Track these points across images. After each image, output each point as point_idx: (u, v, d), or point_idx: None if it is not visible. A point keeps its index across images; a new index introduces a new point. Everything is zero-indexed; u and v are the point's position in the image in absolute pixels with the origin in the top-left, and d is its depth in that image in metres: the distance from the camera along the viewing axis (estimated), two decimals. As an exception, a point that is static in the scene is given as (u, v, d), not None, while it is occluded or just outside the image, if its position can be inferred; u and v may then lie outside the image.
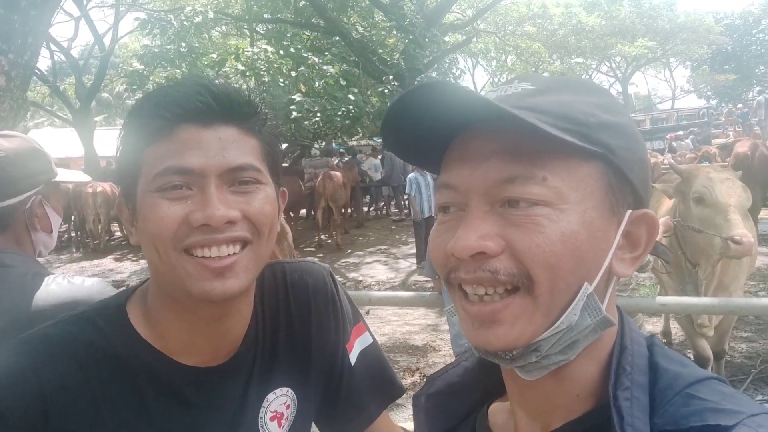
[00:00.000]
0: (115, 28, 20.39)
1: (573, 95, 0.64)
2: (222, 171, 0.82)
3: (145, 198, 0.82)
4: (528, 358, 0.61)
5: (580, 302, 0.60)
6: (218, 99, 0.83)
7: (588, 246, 0.60)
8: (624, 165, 0.62)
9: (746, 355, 5.18)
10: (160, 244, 0.81)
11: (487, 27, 30.85)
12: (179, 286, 0.83)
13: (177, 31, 14.00)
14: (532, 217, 0.59)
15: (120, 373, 0.87)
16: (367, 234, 13.74)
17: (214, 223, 0.79)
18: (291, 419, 0.99)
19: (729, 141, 15.67)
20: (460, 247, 0.60)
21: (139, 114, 0.84)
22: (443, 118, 0.63)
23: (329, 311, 1.07)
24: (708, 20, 40.32)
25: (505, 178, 0.60)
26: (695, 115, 29.48)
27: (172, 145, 0.81)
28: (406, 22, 14.67)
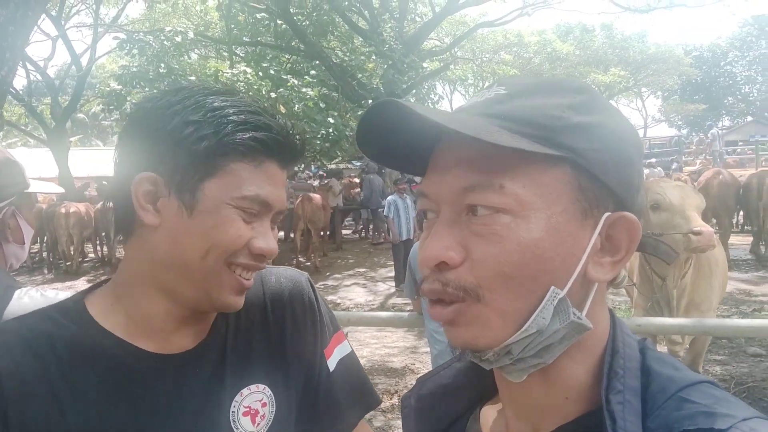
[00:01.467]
0: (92, 49, 20.28)
1: (545, 98, 0.62)
2: (278, 210, 0.93)
3: (221, 207, 0.87)
4: (502, 361, 0.62)
5: (548, 307, 0.59)
6: (295, 147, 0.94)
7: (553, 252, 0.59)
8: (595, 167, 0.60)
9: (720, 378, 5.24)
10: (215, 252, 0.87)
11: (465, 54, 31.40)
12: (204, 291, 0.89)
13: (156, 52, 13.98)
14: (491, 226, 0.59)
15: (80, 362, 0.86)
16: (345, 257, 13.71)
17: (268, 255, 0.90)
18: (269, 419, 0.98)
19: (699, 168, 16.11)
20: (426, 257, 0.61)
21: (236, 129, 0.87)
22: (417, 130, 0.64)
23: (306, 316, 1.09)
24: (678, 52, 41.63)
25: (465, 186, 0.60)
26: (667, 143, 30.21)
27: (261, 176, 0.89)
28: (385, 48, 14.85)
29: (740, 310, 7.37)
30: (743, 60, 50.10)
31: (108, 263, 13.33)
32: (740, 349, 5.95)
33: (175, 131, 0.87)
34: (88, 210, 12.81)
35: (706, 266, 3.73)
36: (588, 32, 39.59)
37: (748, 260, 10.38)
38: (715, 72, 49.88)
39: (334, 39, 17.28)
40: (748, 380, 5.16)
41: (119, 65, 17.67)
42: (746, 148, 26.13)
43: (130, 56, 14.34)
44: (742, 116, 48.83)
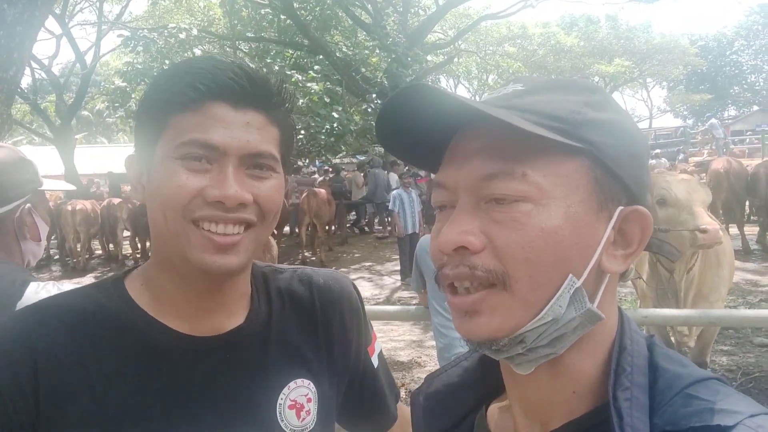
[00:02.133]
0: (96, 46, 20.32)
1: (562, 94, 0.65)
2: (243, 154, 0.84)
3: (165, 162, 0.84)
4: (514, 350, 0.62)
5: (565, 295, 0.60)
6: (254, 84, 0.86)
7: (571, 241, 0.60)
8: (611, 161, 0.62)
9: (727, 368, 5.24)
10: (170, 210, 0.83)
11: (468, 47, 31.31)
12: (179, 254, 0.85)
13: (160, 49, 14.00)
14: (513, 213, 0.60)
15: (113, 340, 0.88)
16: (351, 251, 13.72)
17: (228, 202, 0.82)
18: (314, 414, 0.99)
19: (705, 159, 16.01)
20: (443, 242, 0.62)
21: (171, 79, 0.85)
22: (434, 121, 0.65)
23: (352, 316, 1.10)
24: (683, 42, 41.35)
25: (486, 175, 0.61)
26: (672, 134, 30.07)
27: (200, 119, 0.83)
28: (388, 42, 14.83)
29: (747, 301, 7.35)
30: (749, 49, 49.73)
31: (115, 260, 13.40)
32: (747, 339, 5.94)
33: (141, 101, 0.90)
34: (94, 207, 12.85)
35: (714, 257, 3.72)
36: (593, 23, 39.37)
37: (755, 250, 10.34)
38: (721, 61, 49.54)
39: (338, 33, 17.26)
40: (755, 371, 5.16)
41: (123, 62, 17.69)
42: (753, 138, 25.98)
43: (134, 53, 14.37)
44: (748, 106, 48.51)
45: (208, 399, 0.90)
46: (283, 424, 0.95)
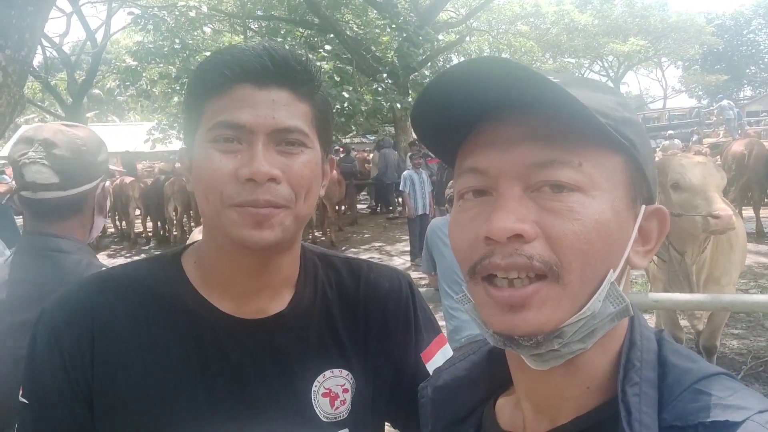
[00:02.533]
0: (107, 24, 20.26)
1: (593, 92, 0.65)
2: (270, 130, 0.87)
3: (201, 148, 0.88)
4: (550, 345, 0.61)
5: (605, 289, 0.60)
6: (276, 62, 0.88)
7: (617, 234, 0.61)
8: (643, 160, 0.64)
9: (737, 352, 5.24)
10: (211, 194, 0.87)
11: (480, 26, 30.89)
12: (223, 233, 0.88)
13: (171, 27, 13.94)
14: (567, 203, 0.59)
15: (166, 313, 0.94)
16: (361, 231, 13.76)
17: (258, 179, 0.84)
18: (348, 404, 1.00)
19: (720, 140, 15.82)
20: (498, 229, 0.59)
21: (204, 70, 0.90)
22: (467, 103, 0.63)
23: (399, 317, 1.08)
24: (699, 20, 40.59)
25: (541, 161, 0.60)
26: (687, 114, 29.68)
27: (228, 102, 0.87)
28: (400, 20, 14.66)
29: (759, 284, 7.32)
30: (767, 28, 48.79)
31: (127, 238, 13.51)
32: (758, 323, 5.93)
33: (185, 95, 0.94)
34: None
35: (726, 241, 3.70)
36: (608, 1, 38.67)
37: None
38: (738, 41, 48.68)
39: (348, 12, 17.10)
40: (765, 354, 5.15)
41: (134, 41, 17.66)
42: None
43: (144, 31, 14.33)
44: (764, 86, 47.69)
45: (246, 379, 0.94)
46: (317, 410, 0.97)
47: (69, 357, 0.90)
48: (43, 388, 0.91)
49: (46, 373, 0.90)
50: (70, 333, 0.91)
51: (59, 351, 0.90)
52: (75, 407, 0.90)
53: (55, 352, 0.90)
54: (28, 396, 0.92)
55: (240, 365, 0.94)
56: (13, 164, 1.55)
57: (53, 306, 0.94)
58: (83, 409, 0.90)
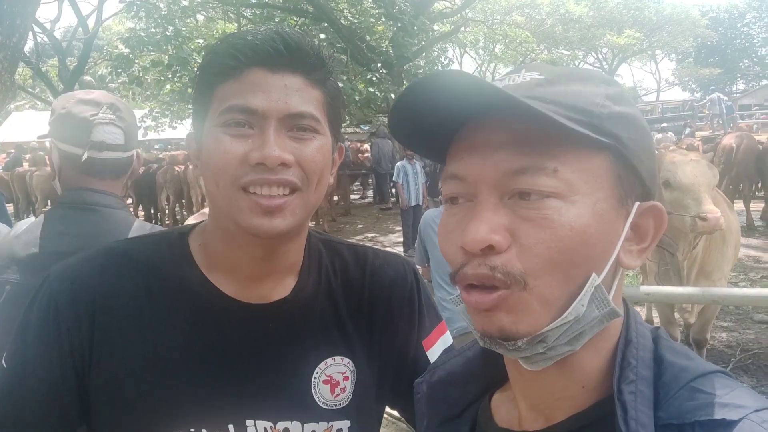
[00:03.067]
0: (99, 10, 20.03)
1: (582, 85, 0.63)
2: (282, 115, 0.86)
3: (210, 132, 0.87)
4: (534, 349, 0.61)
5: (587, 294, 0.59)
6: (289, 47, 0.87)
7: (597, 238, 0.59)
8: (633, 156, 0.62)
9: (726, 344, 5.29)
10: (221, 179, 0.86)
11: (476, 16, 30.77)
12: (232, 219, 0.88)
13: (163, 14, 13.81)
14: (542, 210, 0.58)
15: (168, 292, 0.94)
16: (354, 222, 13.76)
17: (269, 163, 0.83)
18: (349, 392, 1.00)
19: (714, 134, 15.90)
20: (471, 241, 0.59)
21: (215, 53, 0.89)
22: (450, 108, 0.63)
23: (403, 304, 1.08)
24: (694, 13, 40.67)
25: (516, 169, 0.59)
26: (680, 107, 29.79)
27: (240, 85, 0.86)
28: (395, 9, 14.58)
29: (748, 277, 7.38)
30: (761, 22, 48.91)
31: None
32: (747, 315, 5.98)
33: (195, 80, 0.93)
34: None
35: (719, 235, 3.70)
36: (602, -8, 38.64)
37: (758, 227, 10.33)
38: (732, 34, 48.77)
39: (343, 0, 16.99)
40: (754, 347, 5.20)
41: (126, 27, 17.50)
42: (761, 113, 25.73)
43: (137, 18, 14.18)
44: (757, 80, 47.86)
45: (247, 363, 0.94)
46: (316, 397, 0.98)
47: (66, 331, 0.90)
48: (28, 358, 0.90)
49: (36, 345, 0.90)
50: (69, 307, 0.91)
51: (56, 324, 0.90)
52: (58, 380, 0.90)
53: (52, 324, 0.90)
54: (11, 360, 0.92)
55: (241, 349, 0.94)
56: (79, 123, 1.57)
57: (57, 276, 0.94)
58: (67, 382, 0.90)
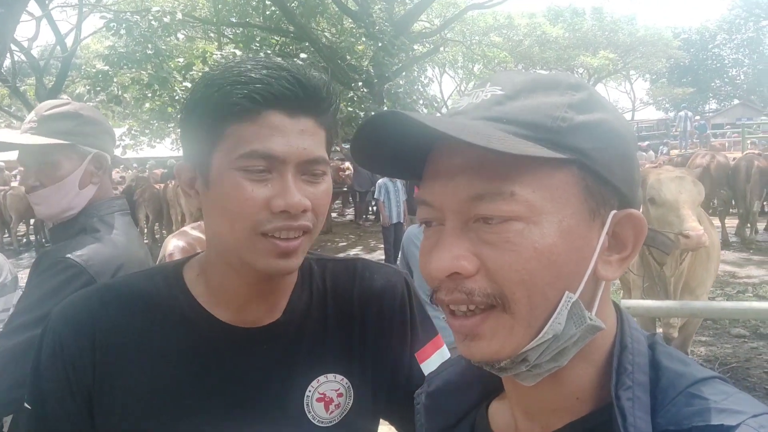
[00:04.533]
0: (78, 29, 19.92)
1: (544, 96, 0.61)
2: (301, 161, 0.87)
3: (227, 174, 0.86)
4: (518, 368, 0.61)
5: (563, 311, 0.59)
6: (307, 91, 0.87)
7: (567, 256, 0.58)
8: (601, 167, 0.60)
9: (705, 358, 5.35)
10: (238, 222, 0.86)
11: (455, 36, 31.18)
12: (243, 260, 0.88)
13: (143, 32, 13.79)
14: (504, 234, 0.57)
15: (166, 324, 0.95)
16: (334, 239, 13.71)
17: (293, 210, 0.85)
18: (344, 408, 1.01)
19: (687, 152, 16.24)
20: (435, 269, 0.60)
21: (227, 92, 0.85)
22: (409, 139, 0.62)
23: (395, 316, 1.07)
24: (667, 35, 41.68)
25: (473, 195, 0.59)
26: (654, 126, 30.37)
27: (259, 129, 0.85)
28: (375, 29, 14.73)
29: (725, 292, 7.49)
30: (731, 43, 50.20)
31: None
32: (724, 330, 6.07)
33: (189, 107, 0.90)
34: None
35: (704, 252, 3.72)
36: (578, 15, 39.50)
37: (733, 242, 10.52)
38: (703, 55, 49.94)
39: (324, 20, 17.11)
40: (732, 361, 5.27)
41: (105, 46, 17.41)
42: (732, 132, 26.34)
43: (117, 36, 14.13)
44: (729, 99, 49.05)
45: (242, 387, 0.95)
46: (310, 415, 0.98)
47: (72, 367, 0.92)
48: (45, 395, 0.93)
49: (49, 381, 0.93)
50: (73, 344, 0.93)
51: (62, 361, 0.92)
52: (74, 415, 0.93)
53: (59, 361, 0.92)
54: (32, 402, 0.95)
55: (236, 375, 0.95)
56: (112, 132, 1.72)
57: (59, 315, 0.96)
58: (83, 417, 0.93)
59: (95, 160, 1.62)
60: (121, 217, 1.65)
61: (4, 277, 1.67)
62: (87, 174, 1.60)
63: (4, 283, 1.67)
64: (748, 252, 9.93)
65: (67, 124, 1.58)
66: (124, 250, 1.53)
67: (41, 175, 1.57)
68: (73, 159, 1.58)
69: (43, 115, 1.58)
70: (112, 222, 1.60)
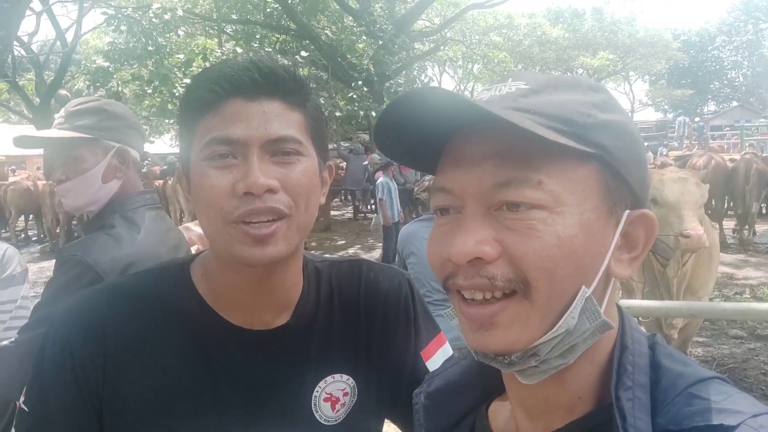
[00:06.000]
0: (78, 24, 19.88)
1: (568, 94, 0.63)
2: (264, 142, 0.86)
3: (196, 166, 0.88)
4: (527, 363, 0.61)
5: (578, 306, 0.59)
6: (264, 74, 0.88)
7: (585, 249, 0.59)
8: (621, 165, 0.61)
9: (703, 359, 5.37)
10: (211, 213, 0.87)
11: (455, 35, 31.16)
12: (225, 249, 0.88)
13: (144, 28, 13.77)
14: (528, 221, 0.58)
15: (174, 324, 0.94)
16: (333, 237, 13.70)
17: (255, 191, 0.83)
18: (348, 406, 1.02)
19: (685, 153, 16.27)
20: (457, 253, 0.59)
21: (194, 87, 0.89)
22: (435, 122, 0.63)
23: (399, 315, 1.08)
24: (666, 36, 41.66)
25: (500, 182, 0.59)
26: (653, 127, 30.39)
27: (220, 117, 0.86)
28: (375, 28, 14.72)
29: (722, 293, 7.51)
30: (730, 45, 50.27)
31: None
32: (722, 331, 6.09)
33: (178, 114, 0.94)
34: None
35: (706, 253, 3.73)
36: (578, 15, 39.52)
37: (731, 244, 10.55)
38: (703, 57, 50.00)
39: (324, 18, 17.09)
40: (729, 361, 5.30)
41: (105, 42, 17.38)
42: (731, 134, 26.38)
43: (117, 32, 14.12)
44: (727, 101, 49.12)
45: (252, 388, 0.95)
46: (317, 414, 0.99)
47: (81, 369, 0.90)
48: (49, 401, 0.91)
49: (56, 387, 0.91)
50: (83, 349, 0.91)
51: (72, 364, 0.90)
52: (81, 419, 0.91)
53: (68, 367, 0.90)
54: (33, 406, 0.92)
55: (246, 376, 0.95)
56: (140, 128, 1.75)
57: (63, 319, 0.94)
58: (91, 421, 0.91)
59: (119, 155, 1.64)
60: (148, 211, 1.64)
61: (12, 269, 1.68)
62: (111, 168, 1.62)
63: (12, 274, 1.67)
64: (745, 253, 9.97)
65: (92, 119, 1.61)
66: (137, 247, 1.51)
67: (66, 169, 1.61)
68: (97, 153, 1.61)
69: (70, 111, 1.62)
70: (135, 217, 1.60)
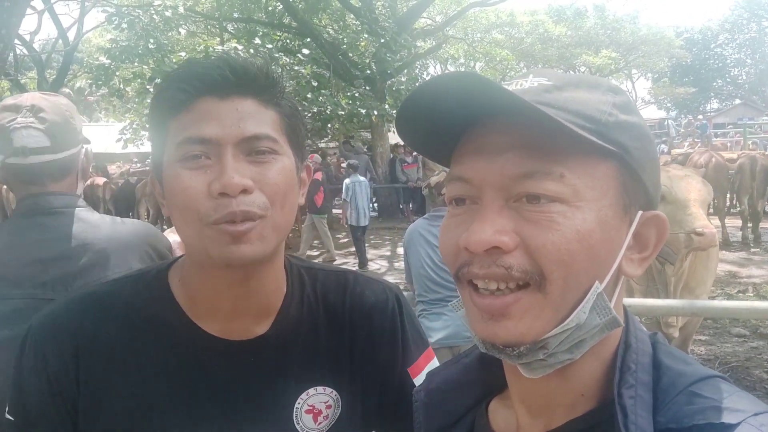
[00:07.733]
0: (80, 23, 19.89)
1: (590, 93, 0.63)
2: (237, 140, 0.84)
3: (169, 168, 0.86)
4: (535, 356, 0.61)
5: (590, 301, 0.60)
6: (236, 72, 0.86)
7: (601, 245, 0.60)
8: (639, 166, 0.62)
9: (704, 358, 5.36)
10: (187, 216, 0.84)
11: (456, 33, 31.12)
12: (202, 252, 0.86)
13: (145, 26, 13.77)
14: (548, 213, 0.59)
15: (149, 333, 0.93)
16: (334, 237, 13.67)
17: (229, 191, 0.81)
18: (332, 419, 1.00)
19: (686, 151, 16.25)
20: (475, 241, 0.59)
21: (165, 88, 0.87)
22: (458, 109, 0.63)
23: (384, 331, 1.06)
24: (669, 34, 41.52)
25: (523, 173, 0.59)
26: (656, 125, 30.34)
27: (192, 116, 0.85)
28: (377, 26, 14.70)
29: (725, 292, 7.50)
30: (733, 43, 50.08)
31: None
32: (724, 329, 6.08)
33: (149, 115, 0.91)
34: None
35: (704, 251, 3.70)
36: (580, 13, 39.43)
37: (734, 242, 10.52)
38: (705, 54, 49.82)
39: (326, 16, 17.08)
40: (732, 360, 5.29)
41: (107, 39, 17.40)
42: (734, 131, 26.30)
43: (119, 30, 14.13)
44: (730, 99, 48.99)
45: (231, 400, 0.94)
46: (299, 426, 0.97)
47: (55, 378, 0.90)
48: (29, 408, 0.91)
49: (33, 394, 0.91)
50: (55, 355, 0.91)
51: (46, 373, 0.90)
52: (59, 427, 0.91)
53: (42, 373, 0.90)
54: (15, 414, 0.92)
55: (223, 385, 0.93)
56: (1, 131, 1.48)
57: (39, 325, 0.94)
58: (68, 429, 0.91)
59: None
60: (20, 219, 1.51)
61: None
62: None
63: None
64: (748, 252, 9.94)
65: None
66: None
67: None
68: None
69: None
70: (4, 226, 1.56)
